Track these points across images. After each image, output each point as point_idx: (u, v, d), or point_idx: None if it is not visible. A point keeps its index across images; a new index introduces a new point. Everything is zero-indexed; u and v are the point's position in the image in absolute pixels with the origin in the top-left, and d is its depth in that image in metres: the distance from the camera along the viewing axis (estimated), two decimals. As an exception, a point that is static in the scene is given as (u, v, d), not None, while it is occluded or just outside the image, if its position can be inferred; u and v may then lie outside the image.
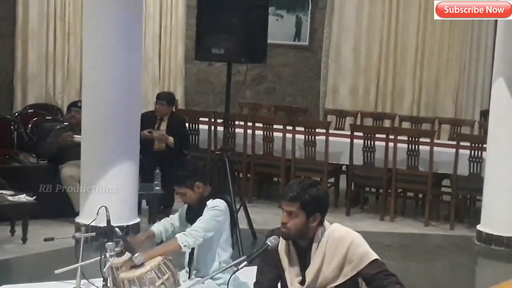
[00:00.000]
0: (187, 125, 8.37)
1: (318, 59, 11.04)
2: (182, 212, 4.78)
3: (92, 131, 6.45)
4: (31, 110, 9.48)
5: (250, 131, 8.34)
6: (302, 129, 8.10)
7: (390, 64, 10.61)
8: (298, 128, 8.17)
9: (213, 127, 8.48)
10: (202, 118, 8.61)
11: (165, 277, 4.20)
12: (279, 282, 3.65)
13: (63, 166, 7.20)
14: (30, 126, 8.62)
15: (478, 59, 10.15)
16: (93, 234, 4.67)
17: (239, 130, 8.37)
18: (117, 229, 4.38)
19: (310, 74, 11.18)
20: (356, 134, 8.00)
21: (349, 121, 9.53)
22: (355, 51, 10.77)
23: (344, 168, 8.39)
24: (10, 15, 10.15)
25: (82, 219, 6.33)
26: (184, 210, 4.78)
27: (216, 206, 4.56)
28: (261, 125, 8.31)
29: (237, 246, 5.40)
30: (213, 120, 8.50)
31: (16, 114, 9.28)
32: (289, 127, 8.20)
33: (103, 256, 4.21)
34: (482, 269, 6.91)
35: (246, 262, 3.51)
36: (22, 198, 6.52)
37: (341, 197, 8.37)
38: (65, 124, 7.69)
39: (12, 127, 8.50)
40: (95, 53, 6.39)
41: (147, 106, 9.47)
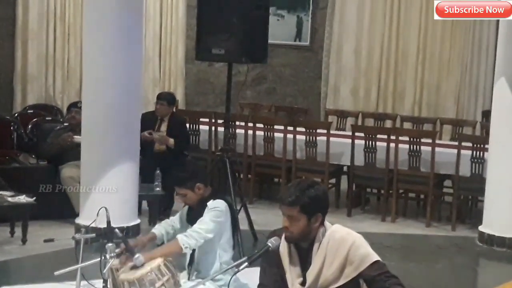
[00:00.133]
0: (188, 125, 8.35)
1: (319, 59, 11.03)
2: (183, 213, 4.76)
3: (92, 132, 6.43)
4: (31, 111, 9.47)
5: (250, 132, 8.32)
6: (303, 129, 8.09)
7: (392, 64, 10.59)
8: (299, 128, 8.14)
9: (213, 128, 8.47)
10: (202, 119, 8.60)
11: (165, 278, 4.17)
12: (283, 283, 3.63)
13: (63, 167, 7.18)
14: (30, 126, 8.61)
15: (480, 59, 10.14)
16: (93, 235, 4.65)
17: (240, 131, 8.36)
18: (117, 230, 4.37)
19: (311, 75, 11.17)
20: (357, 134, 7.97)
21: (350, 121, 9.51)
22: (356, 51, 10.76)
23: (345, 168, 8.37)
24: (10, 16, 10.16)
25: (82, 220, 6.31)
26: (184, 211, 4.76)
27: (216, 207, 4.54)
28: (261, 125, 8.29)
29: (237, 247, 5.37)
30: (213, 120, 8.49)
31: (16, 115, 9.27)
32: (290, 128, 8.18)
33: (103, 257, 4.20)
34: (484, 270, 6.88)
35: (247, 263, 3.50)
36: (22, 199, 6.50)
37: (342, 198, 8.34)
38: (65, 124, 7.68)
39: (12, 128, 8.49)
40: (95, 53, 6.37)
41: (148, 106, 9.46)
